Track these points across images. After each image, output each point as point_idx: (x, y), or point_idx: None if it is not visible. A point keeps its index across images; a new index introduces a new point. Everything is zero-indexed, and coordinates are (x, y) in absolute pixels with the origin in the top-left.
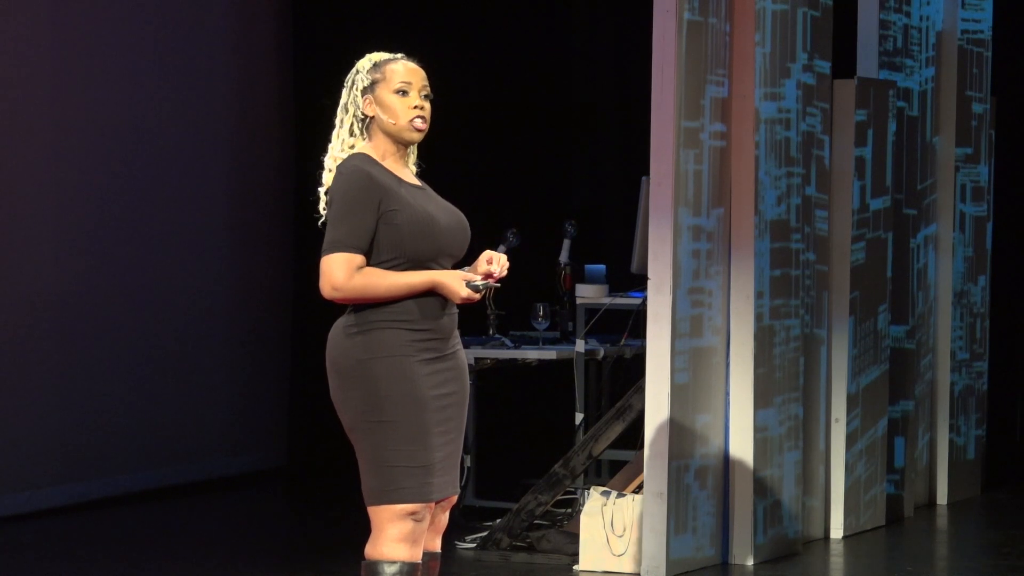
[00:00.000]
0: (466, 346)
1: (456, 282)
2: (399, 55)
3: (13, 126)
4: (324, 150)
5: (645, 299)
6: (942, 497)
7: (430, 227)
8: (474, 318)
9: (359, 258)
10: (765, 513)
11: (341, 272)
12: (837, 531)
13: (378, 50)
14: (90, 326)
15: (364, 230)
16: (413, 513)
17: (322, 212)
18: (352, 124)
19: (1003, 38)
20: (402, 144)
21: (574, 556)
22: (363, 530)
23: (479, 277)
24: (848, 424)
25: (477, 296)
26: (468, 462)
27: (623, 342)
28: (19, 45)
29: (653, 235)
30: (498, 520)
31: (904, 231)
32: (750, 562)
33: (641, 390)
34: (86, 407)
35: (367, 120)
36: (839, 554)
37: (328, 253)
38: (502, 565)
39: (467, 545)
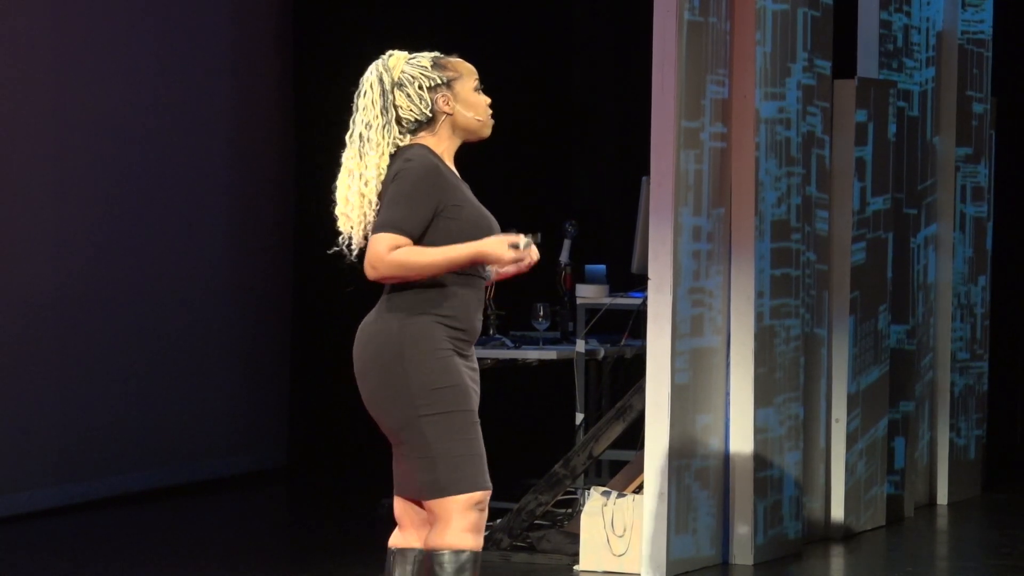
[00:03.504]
0: None
1: (500, 245)
2: (436, 53)
3: (13, 125)
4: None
5: (645, 299)
6: (942, 497)
7: (488, 226)
8: None
9: (400, 239)
10: (765, 513)
11: (382, 250)
12: (838, 531)
13: (379, 49)
14: (89, 326)
15: (419, 219)
16: (479, 502)
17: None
18: (394, 124)
19: (1003, 38)
20: (465, 141)
21: (574, 556)
22: (364, 529)
23: (521, 237)
24: (848, 424)
25: (523, 255)
26: None
27: (623, 342)
28: (18, 44)
29: (653, 235)
30: (498, 520)
31: (904, 231)
32: (750, 562)
33: (641, 390)
34: (85, 407)
35: (430, 119)
36: (839, 554)
37: (377, 232)
38: (502, 565)
39: None
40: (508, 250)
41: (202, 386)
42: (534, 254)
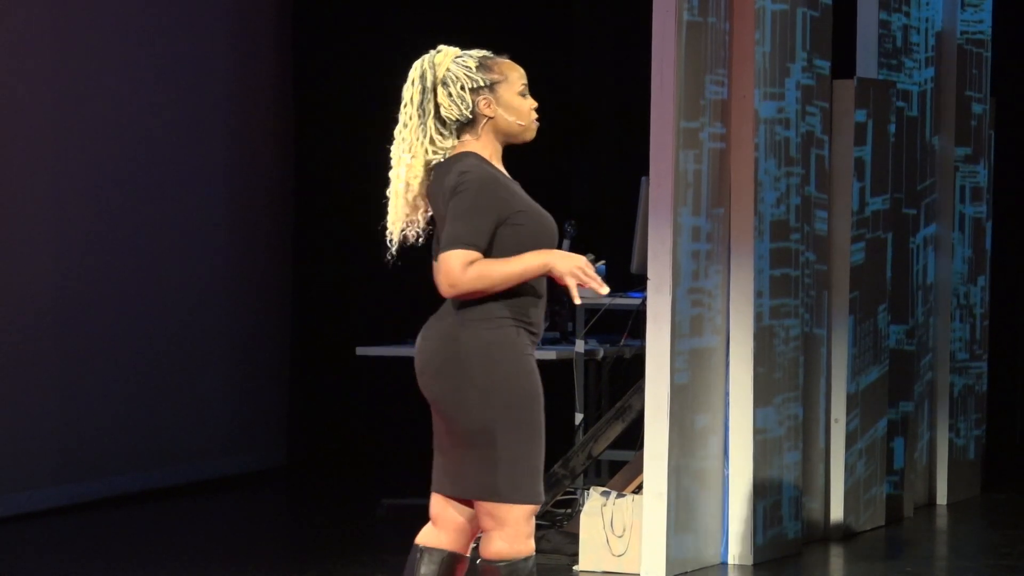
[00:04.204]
0: None
1: (567, 261)
2: (485, 53)
3: (11, 126)
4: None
5: (645, 299)
6: (942, 497)
7: (549, 227)
8: None
9: (474, 255)
10: (765, 513)
11: (456, 268)
12: (837, 532)
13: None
14: (89, 326)
15: (485, 231)
16: (535, 512)
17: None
18: (432, 123)
19: (1003, 38)
20: (508, 144)
21: (574, 556)
22: (363, 529)
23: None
24: (848, 424)
25: (583, 279)
26: None
27: (623, 342)
28: (17, 44)
29: (653, 235)
30: None
31: (904, 231)
32: (750, 562)
33: (641, 390)
34: (85, 407)
35: (471, 120)
36: (839, 555)
37: (447, 250)
38: None
39: None
40: (575, 268)
41: (201, 386)
42: (602, 287)
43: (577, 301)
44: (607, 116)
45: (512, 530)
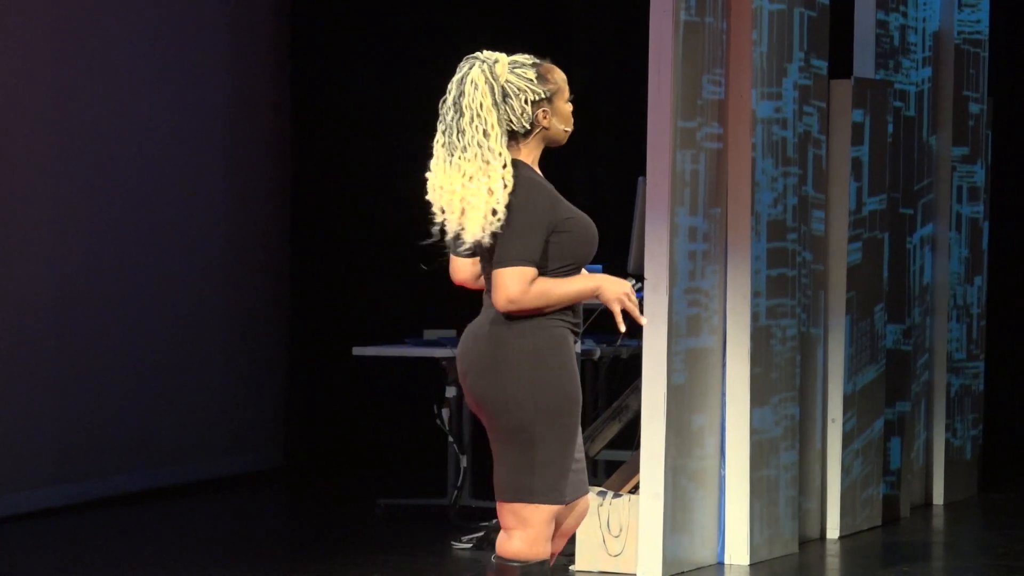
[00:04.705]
0: None
1: (617, 288)
2: (534, 59)
3: (9, 127)
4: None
5: (642, 299)
6: (938, 498)
7: (593, 232)
8: (471, 318)
9: (533, 271)
10: (761, 513)
11: (518, 286)
12: (833, 531)
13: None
14: (87, 327)
15: (539, 244)
16: (558, 514)
17: (486, 229)
18: (500, 133)
19: (1000, 38)
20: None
21: (570, 556)
22: (361, 530)
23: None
24: (844, 424)
25: (628, 305)
26: (464, 462)
27: (620, 342)
28: (14, 45)
29: (650, 235)
30: (494, 520)
31: (901, 231)
32: (746, 562)
33: (638, 390)
34: (83, 408)
35: (528, 130)
36: (835, 554)
37: (505, 266)
38: None
39: (463, 545)
40: (622, 295)
41: (199, 387)
42: (641, 319)
43: (622, 329)
44: (604, 116)
45: (534, 532)
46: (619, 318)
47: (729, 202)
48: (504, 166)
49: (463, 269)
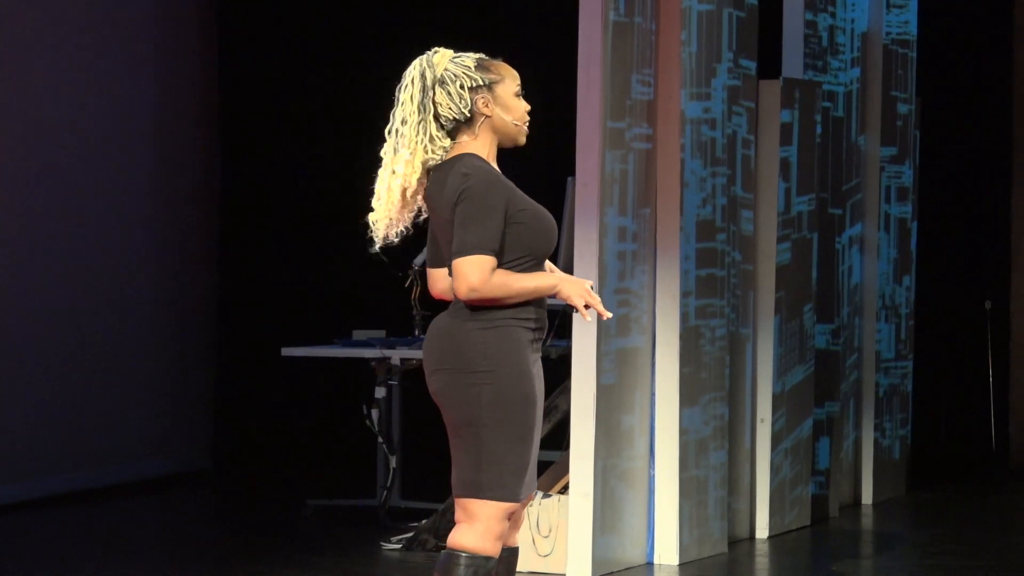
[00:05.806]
0: (391, 346)
1: (577, 287)
2: (481, 54)
3: None
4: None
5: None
6: (867, 497)
7: (550, 225)
8: (400, 319)
9: (493, 260)
10: (690, 513)
11: (478, 274)
12: (762, 531)
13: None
14: (13, 327)
15: (497, 232)
16: (511, 512)
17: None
18: (431, 121)
19: (928, 39)
20: (502, 145)
21: None
22: (289, 531)
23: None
24: (774, 424)
25: (589, 300)
26: (393, 463)
27: (549, 343)
28: None
29: (579, 236)
30: (424, 521)
31: (829, 231)
32: (675, 562)
33: (567, 390)
34: (8, 409)
35: (468, 119)
36: (764, 554)
37: (465, 255)
38: (428, 566)
39: (392, 546)
40: (582, 291)
41: (127, 388)
42: (606, 313)
43: (587, 319)
44: (532, 116)
45: (483, 527)
46: (582, 310)
47: (658, 202)
48: (414, 152)
49: (441, 280)
